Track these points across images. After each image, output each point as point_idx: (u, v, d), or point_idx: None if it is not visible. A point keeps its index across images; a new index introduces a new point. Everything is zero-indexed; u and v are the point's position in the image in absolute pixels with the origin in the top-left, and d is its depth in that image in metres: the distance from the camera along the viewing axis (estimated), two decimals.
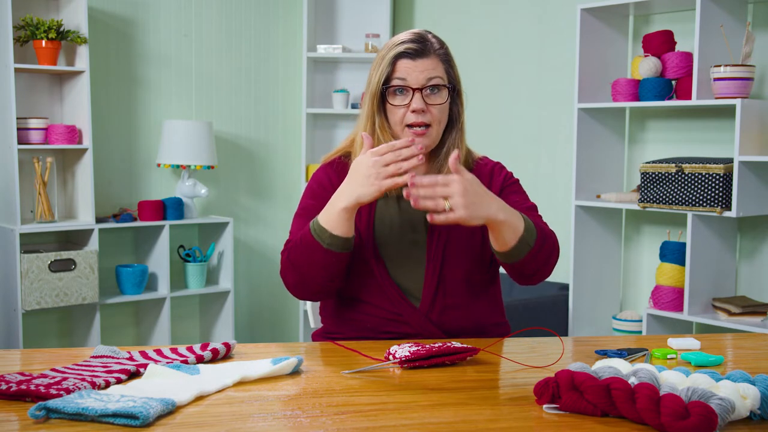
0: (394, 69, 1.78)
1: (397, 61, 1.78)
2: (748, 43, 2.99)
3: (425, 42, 1.79)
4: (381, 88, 1.78)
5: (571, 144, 3.55)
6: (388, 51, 1.79)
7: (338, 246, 1.68)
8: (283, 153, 4.56)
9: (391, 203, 1.83)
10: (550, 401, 1.27)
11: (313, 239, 1.69)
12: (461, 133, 1.86)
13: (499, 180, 1.89)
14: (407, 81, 1.77)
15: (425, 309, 1.79)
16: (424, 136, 1.78)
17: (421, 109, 1.76)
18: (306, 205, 1.85)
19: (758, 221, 3.19)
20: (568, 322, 3.48)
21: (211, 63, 4.29)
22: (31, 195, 3.69)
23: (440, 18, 4.35)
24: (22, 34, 3.57)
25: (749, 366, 1.58)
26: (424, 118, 1.77)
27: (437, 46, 1.81)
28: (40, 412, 1.17)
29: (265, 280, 4.54)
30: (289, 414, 1.24)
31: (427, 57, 1.78)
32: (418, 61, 1.77)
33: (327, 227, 1.67)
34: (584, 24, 3.38)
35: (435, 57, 1.79)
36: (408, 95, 1.77)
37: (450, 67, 1.82)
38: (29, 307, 3.50)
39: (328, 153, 1.95)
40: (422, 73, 1.77)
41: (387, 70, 1.78)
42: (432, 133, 1.79)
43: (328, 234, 1.67)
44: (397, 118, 1.78)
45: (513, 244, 1.65)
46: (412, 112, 1.76)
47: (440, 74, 1.79)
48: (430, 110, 1.77)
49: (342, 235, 1.67)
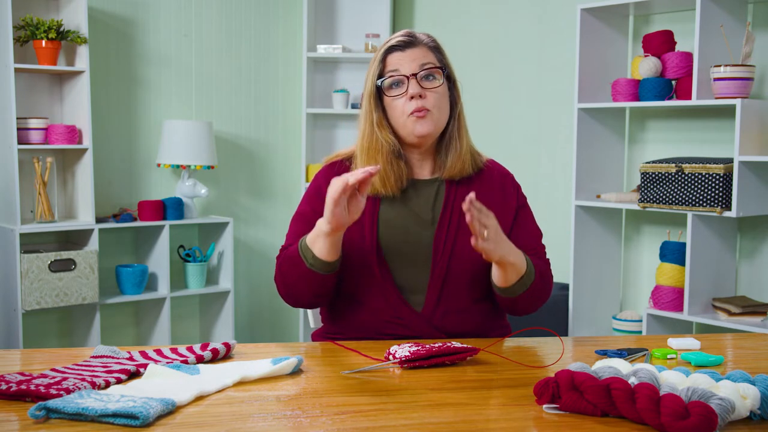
0: (385, 64, 1.81)
1: (387, 55, 1.81)
2: (748, 43, 2.99)
3: (413, 35, 1.83)
4: (375, 84, 1.80)
5: (571, 144, 3.55)
6: (378, 51, 1.84)
7: (320, 268, 1.70)
8: (283, 153, 4.56)
9: (396, 205, 1.83)
10: (550, 401, 1.27)
11: (298, 256, 1.72)
12: (460, 122, 1.86)
13: (513, 195, 1.91)
14: (400, 70, 1.79)
15: (428, 313, 1.79)
16: (425, 119, 1.78)
17: (418, 94, 1.78)
18: (302, 211, 1.87)
19: (758, 221, 3.19)
20: (568, 322, 3.48)
21: (211, 63, 4.29)
22: (31, 195, 3.69)
23: (440, 18, 4.35)
24: (22, 34, 3.57)
25: (749, 366, 1.58)
26: (423, 102, 1.78)
27: (425, 38, 1.84)
28: (40, 412, 1.17)
29: (265, 280, 4.54)
30: (289, 414, 1.24)
31: (416, 47, 1.81)
32: (407, 51, 1.80)
33: (312, 248, 1.70)
34: (584, 24, 3.38)
35: (424, 46, 1.82)
36: (404, 85, 1.79)
37: (441, 55, 1.85)
38: (29, 307, 3.50)
39: (331, 154, 1.95)
40: (414, 61, 1.79)
41: (379, 67, 1.81)
42: (433, 117, 1.79)
43: (311, 254, 1.70)
44: (398, 111, 1.79)
45: (512, 283, 1.75)
46: (411, 99, 1.77)
47: (431, 60, 1.81)
48: (427, 95, 1.79)
49: (324, 258, 1.69)
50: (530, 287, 1.76)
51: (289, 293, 1.79)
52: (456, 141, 1.84)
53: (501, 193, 1.89)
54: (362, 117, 1.84)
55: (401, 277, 1.79)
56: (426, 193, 1.85)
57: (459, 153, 1.84)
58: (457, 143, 1.84)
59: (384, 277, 1.78)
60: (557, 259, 3.56)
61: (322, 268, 1.70)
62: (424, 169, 1.88)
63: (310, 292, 1.76)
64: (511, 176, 1.95)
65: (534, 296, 1.79)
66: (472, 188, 1.84)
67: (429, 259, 1.80)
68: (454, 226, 1.80)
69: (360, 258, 1.79)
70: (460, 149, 1.84)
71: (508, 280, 1.74)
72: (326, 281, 1.73)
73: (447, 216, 1.81)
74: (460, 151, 1.84)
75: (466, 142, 1.87)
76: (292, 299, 1.81)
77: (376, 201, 1.83)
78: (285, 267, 1.76)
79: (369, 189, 1.68)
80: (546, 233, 2.05)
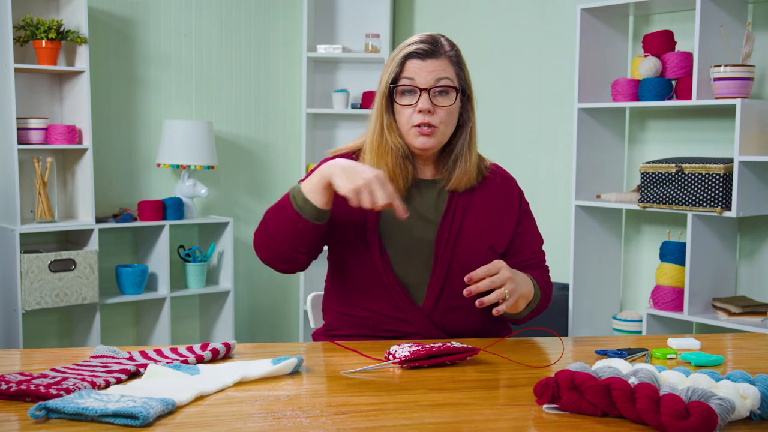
0: (403, 69, 1.78)
1: (407, 61, 1.78)
2: (748, 43, 2.99)
3: (436, 43, 1.79)
4: (390, 87, 1.79)
5: (571, 144, 3.55)
6: (399, 51, 1.80)
7: (308, 213, 1.68)
8: (283, 153, 4.56)
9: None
10: (550, 401, 1.27)
11: (287, 199, 1.71)
12: (471, 139, 1.86)
13: (516, 201, 1.91)
14: (415, 81, 1.77)
15: (428, 309, 1.79)
16: (429, 136, 1.78)
17: (427, 110, 1.76)
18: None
19: (758, 221, 3.19)
20: (568, 322, 3.48)
21: (211, 63, 4.29)
22: (31, 195, 3.69)
23: (440, 18, 4.35)
24: (22, 34, 3.57)
25: (749, 366, 1.58)
26: (431, 119, 1.77)
27: (448, 48, 1.81)
28: (40, 412, 1.17)
29: (265, 280, 4.54)
30: (289, 414, 1.24)
31: (437, 58, 1.78)
32: (427, 62, 1.77)
33: (303, 190, 1.69)
34: (584, 24, 3.38)
35: (445, 59, 1.79)
36: (416, 95, 1.77)
37: (461, 70, 1.82)
38: (29, 307, 3.50)
39: (336, 148, 1.95)
40: (431, 74, 1.76)
41: (396, 70, 1.78)
42: (437, 134, 1.79)
43: (302, 197, 1.68)
44: (404, 118, 1.79)
45: (521, 310, 1.81)
46: (419, 112, 1.76)
47: (449, 76, 1.78)
48: (437, 111, 1.77)
49: (314, 202, 1.67)
50: (536, 308, 1.85)
51: (266, 242, 1.75)
52: (464, 155, 1.83)
53: (504, 198, 1.89)
54: (374, 116, 1.83)
55: (403, 273, 1.80)
56: (429, 193, 1.85)
57: (465, 168, 1.83)
58: (465, 158, 1.83)
59: (386, 271, 1.78)
60: (557, 259, 3.56)
61: (310, 212, 1.67)
62: (426, 170, 1.88)
63: (290, 241, 1.71)
64: (514, 181, 1.95)
65: (536, 312, 1.87)
66: (474, 194, 1.85)
67: (431, 258, 1.80)
68: (455, 227, 1.81)
69: (363, 252, 1.79)
70: (466, 165, 1.83)
71: (519, 307, 1.79)
72: (309, 232, 1.69)
73: (449, 217, 1.82)
74: (466, 166, 1.83)
75: (474, 156, 1.86)
76: (267, 251, 1.76)
77: None
78: (269, 214, 1.75)
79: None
80: (546, 233, 2.06)
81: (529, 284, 1.80)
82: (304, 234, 1.70)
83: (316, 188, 1.67)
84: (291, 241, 1.72)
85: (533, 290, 1.81)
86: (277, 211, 1.73)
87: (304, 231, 1.69)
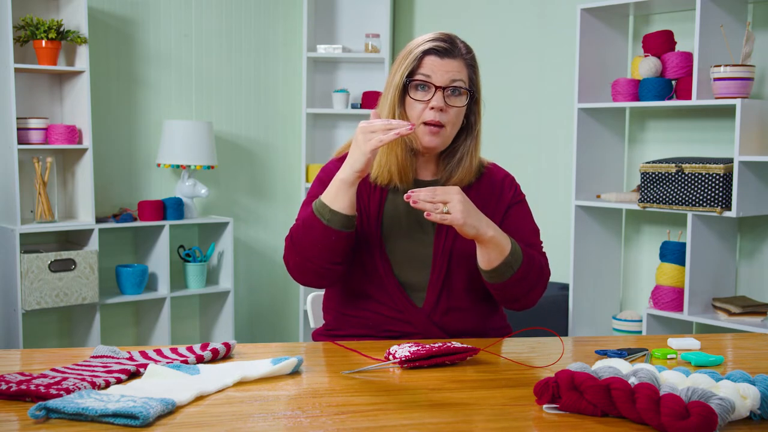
0: (420, 64, 1.78)
1: (425, 56, 1.79)
2: (748, 43, 2.99)
3: (454, 43, 1.81)
4: (405, 81, 1.79)
5: (571, 144, 3.55)
6: (417, 46, 1.80)
7: (338, 223, 1.68)
8: (283, 153, 4.56)
9: (400, 201, 1.83)
10: (550, 401, 1.27)
11: (314, 216, 1.70)
12: (476, 142, 1.86)
13: (509, 195, 1.91)
14: (431, 78, 1.77)
15: (428, 309, 1.79)
16: (436, 135, 1.78)
17: (440, 108, 1.77)
18: (314, 193, 1.85)
19: (758, 221, 3.19)
20: (568, 322, 3.48)
21: (211, 63, 4.29)
22: (31, 195, 3.69)
23: (440, 18, 4.35)
24: (22, 34, 3.57)
25: (749, 366, 1.58)
26: (442, 117, 1.77)
27: (465, 51, 1.83)
28: (40, 412, 1.17)
29: (265, 280, 4.54)
30: (289, 414, 1.24)
31: (454, 58, 1.79)
32: (445, 60, 1.78)
33: (327, 202, 1.69)
34: (584, 24, 3.38)
35: (461, 60, 1.81)
36: (430, 92, 1.78)
37: (474, 73, 1.84)
38: (29, 307, 3.50)
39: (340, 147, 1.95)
40: (447, 73, 1.78)
41: (413, 65, 1.79)
42: (445, 133, 1.79)
43: (328, 209, 1.68)
44: (416, 113, 1.79)
45: (497, 265, 1.71)
46: (431, 109, 1.77)
47: (463, 78, 1.80)
48: (448, 111, 1.78)
49: (341, 210, 1.68)
50: (519, 271, 1.73)
51: (300, 263, 1.74)
52: (468, 157, 1.84)
53: (497, 195, 1.89)
54: (385, 106, 1.82)
55: (403, 273, 1.80)
56: None
57: (467, 170, 1.85)
58: (469, 160, 1.85)
59: (386, 271, 1.79)
60: (557, 259, 3.56)
61: (339, 222, 1.68)
62: (427, 171, 1.88)
63: (325, 257, 1.72)
64: (511, 177, 1.96)
65: (526, 283, 1.76)
66: (470, 192, 1.85)
67: (429, 258, 1.81)
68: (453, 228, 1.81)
69: (364, 252, 1.80)
70: (469, 166, 1.85)
71: (491, 260, 1.71)
72: (341, 241, 1.70)
73: None
74: (468, 167, 1.85)
75: (477, 159, 1.87)
76: (302, 271, 1.76)
77: (382, 195, 1.84)
78: (297, 234, 1.74)
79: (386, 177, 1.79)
80: (546, 233, 2.06)
81: (502, 234, 1.71)
82: (337, 245, 1.71)
83: (338, 192, 1.68)
84: (327, 256, 1.72)
85: (509, 244, 1.72)
86: (305, 230, 1.72)
87: (338, 241, 1.71)
